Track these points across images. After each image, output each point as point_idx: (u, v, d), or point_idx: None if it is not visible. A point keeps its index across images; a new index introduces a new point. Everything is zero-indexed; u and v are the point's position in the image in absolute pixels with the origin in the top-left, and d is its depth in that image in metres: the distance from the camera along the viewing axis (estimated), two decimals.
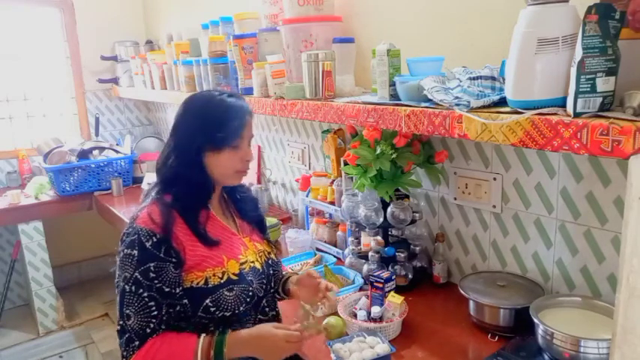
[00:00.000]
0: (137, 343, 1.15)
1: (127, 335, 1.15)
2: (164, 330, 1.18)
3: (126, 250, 1.18)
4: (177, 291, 1.19)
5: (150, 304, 1.15)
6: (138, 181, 3.52)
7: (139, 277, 1.15)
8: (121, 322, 1.16)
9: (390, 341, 1.41)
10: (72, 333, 3.46)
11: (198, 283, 1.21)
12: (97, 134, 3.89)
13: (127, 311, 1.15)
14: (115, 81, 4.00)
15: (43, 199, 3.33)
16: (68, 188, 3.34)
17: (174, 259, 1.18)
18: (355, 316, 1.54)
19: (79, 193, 3.39)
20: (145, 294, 1.15)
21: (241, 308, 1.25)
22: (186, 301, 1.20)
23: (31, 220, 3.28)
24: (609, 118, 0.88)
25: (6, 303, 3.67)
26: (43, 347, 3.29)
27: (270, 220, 2.10)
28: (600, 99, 0.92)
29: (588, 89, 0.92)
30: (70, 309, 3.70)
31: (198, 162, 1.26)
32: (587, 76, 0.91)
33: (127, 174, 3.55)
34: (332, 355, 1.35)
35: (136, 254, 1.16)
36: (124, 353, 1.16)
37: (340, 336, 1.47)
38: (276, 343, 1.19)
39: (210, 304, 1.21)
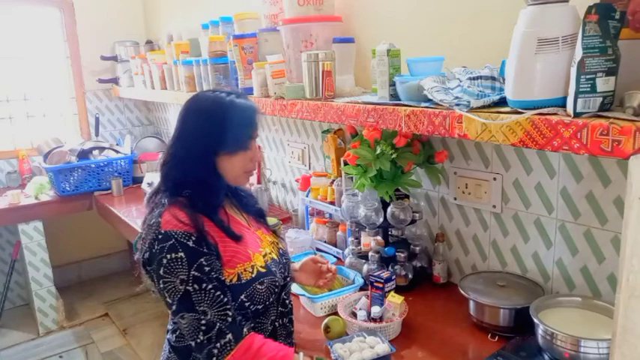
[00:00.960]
0: (230, 336, 1.13)
1: (216, 328, 1.13)
2: (247, 325, 1.20)
3: (169, 256, 1.15)
4: (227, 282, 1.21)
5: (217, 294, 1.15)
6: (138, 181, 3.52)
7: (196, 274, 1.14)
8: (202, 320, 1.13)
9: (390, 341, 1.41)
10: (72, 333, 3.46)
11: (231, 280, 1.21)
12: (97, 134, 3.89)
13: (202, 308, 1.14)
14: (115, 81, 4.00)
15: (43, 199, 3.33)
16: (68, 188, 3.34)
17: (215, 253, 1.19)
18: (355, 316, 1.54)
19: (79, 193, 3.39)
20: (210, 286, 1.15)
21: (271, 299, 1.28)
22: None
23: (31, 220, 3.28)
24: (609, 118, 0.88)
25: (6, 303, 3.67)
26: (43, 347, 3.29)
27: (270, 220, 2.09)
28: (600, 99, 0.92)
29: (588, 89, 0.92)
30: (70, 309, 3.70)
31: (211, 164, 1.26)
32: (587, 76, 0.91)
33: (127, 174, 3.55)
34: (332, 355, 1.35)
35: (184, 255, 1.15)
36: (215, 351, 1.13)
37: (340, 336, 1.47)
38: None
39: (244, 299, 1.22)
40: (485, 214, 1.72)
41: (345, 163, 1.86)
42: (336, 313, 1.56)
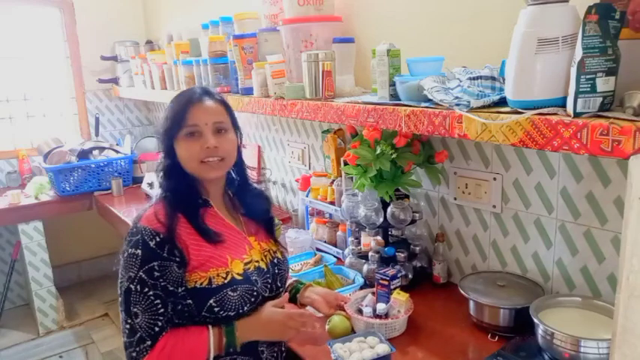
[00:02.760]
0: (149, 343, 1.15)
1: (138, 335, 1.15)
2: (172, 327, 1.20)
3: (130, 250, 1.19)
4: (180, 290, 1.20)
5: (156, 302, 1.16)
6: (138, 181, 3.51)
7: (143, 276, 1.16)
8: (129, 321, 1.16)
9: (393, 339, 1.41)
10: (72, 333, 3.46)
11: (202, 284, 1.21)
12: (97, 134, 3.88)
13: (135, 310, 1.16)
14: (115, 81, 4.00)
15: (43, 199, 3.33)
16: (68, 188, 3.34)
17: (177, 259, 1.19)
18: (361, 312, 1.54)
19: (79, 193, 3.39)
20: (151, 292, 1.16)
21: (245, 308, 1.25)
22: (190, 301, 1.21)
23: (31, 220, 3.27)
24: (609, 118, 0.88)
25: (6, 303, 3.67)
26: (43, 347, 3.29)
27: None
28: (600, 99, 0.92)
29: (588, 89, 0.92)
30: (70, 309, 3.69)
31: (173, 158, 1.29)
32: (587, 76, 0.91)
33: (127, 174, 3.55)
34: (332, 355, 1.35)
35: (140, 253, 1.17)
36: (134, 354, 1.16)
37: (346, 334, 1.47)
38: (280, 325, 1.27)
39: (213, 304, 1.21)
40: (485, 214, 1.72)
41: (345, 163, 1.86)
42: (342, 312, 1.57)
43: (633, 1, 0.96)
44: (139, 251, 1.17)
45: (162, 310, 1.17)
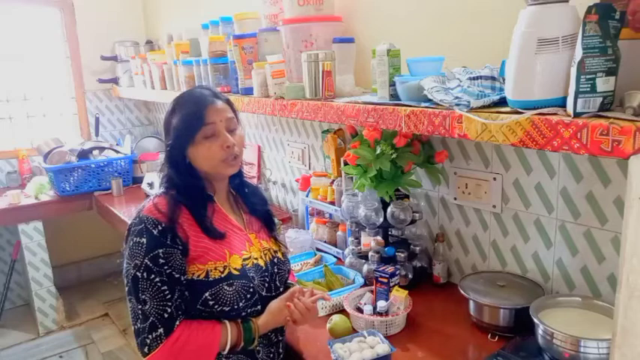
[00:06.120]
0: (161, 331, 1.17)
1: (150, 320, 1.17)
2: (183, 317, 1.21)
3: (135, 239, 1.21)
4: (183, 279, 1.22)
5: (162, 288, 1.18)
6: (138, 181, 3.52)
7: (149, 263, 1.18)
8: (140, 307, 1.18)
9: (393, 337, 1.41)
10: (72, 333, 3.46)
11: (199, 276, 1.23)
12: (97, 134, 3.89)
13: (143, 297, 1.18)
14: (115, 81, 4.00)
15: (43, 199, 3.33)
16: (68, 188, 3.34)
17: (180, 247, 1.21)
18: (360, 311, 1.54)
19: (79, 193, 3.40)
20: (157, 279, 1.18)
21: (241, 304, 1.26)
22: (187, 292, 1.22)
23: (31, 220, 3.28)
24: (609, 118, 0.88)
25: (6, 303, 3.67)
26: (43, 347, 3.29)
27: None
28: (600, 99, 0.92)
29: (588, 89, 0.92)
30: (70, 309, 3.70)
31: (183, 159, 1.30)
32: (587, 76, 0.91)
33: (127, 174, 3.55)
34: (332, 355, 1.35)
35: (145, 242, 1.19)
36: (148, 341, 1.17)
37: (346, 333, 1.47)
38: (279, 307, 1.32)
39: (209, 297, 1.23)
40: (485, 214, 1.72)
41: (345, 163, 1.86)
42: (342, 312, 1.56)
43: (633, 1, 0.96)
44: (144, 239, 1.19)
45: (169, 296, 1.18)
